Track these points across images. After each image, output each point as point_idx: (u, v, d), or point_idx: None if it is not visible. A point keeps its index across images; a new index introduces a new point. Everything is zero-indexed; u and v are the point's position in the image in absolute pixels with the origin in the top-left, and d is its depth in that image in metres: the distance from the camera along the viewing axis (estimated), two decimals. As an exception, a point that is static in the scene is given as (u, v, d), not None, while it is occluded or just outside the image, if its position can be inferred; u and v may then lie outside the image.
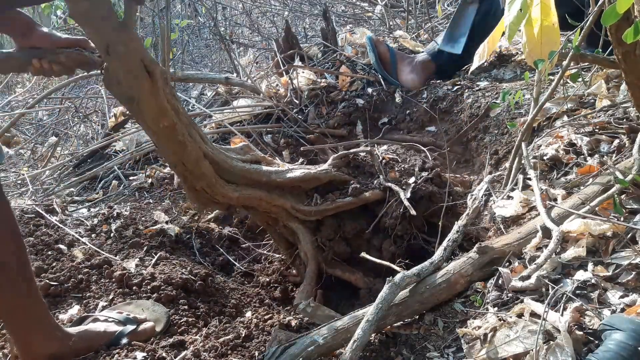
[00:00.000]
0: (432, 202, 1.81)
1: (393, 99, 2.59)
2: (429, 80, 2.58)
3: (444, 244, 1.41)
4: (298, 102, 2.70)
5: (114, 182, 2.66)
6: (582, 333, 1.05)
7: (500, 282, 1.26)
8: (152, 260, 1.91)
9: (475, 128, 2.21)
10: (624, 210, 1.28)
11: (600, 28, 1.45)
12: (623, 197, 1.33)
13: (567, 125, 1.72)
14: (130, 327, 1.50)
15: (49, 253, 1.91)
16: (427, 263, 1.33)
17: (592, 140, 1.61)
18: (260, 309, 1.78)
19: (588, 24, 1.29)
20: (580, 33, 1.30)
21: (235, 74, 3.16)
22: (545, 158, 1.62)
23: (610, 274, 1.17)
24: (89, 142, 3.40)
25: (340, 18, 4.37)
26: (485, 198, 1.67)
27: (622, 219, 1.27)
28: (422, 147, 2.13)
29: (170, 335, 1.53)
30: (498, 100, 2.18)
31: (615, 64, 1.33)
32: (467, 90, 2.37)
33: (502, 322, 1.13)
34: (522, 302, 1.18)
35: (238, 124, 2.71)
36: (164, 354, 1.42)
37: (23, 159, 3.52)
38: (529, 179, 1.52)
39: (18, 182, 2.81)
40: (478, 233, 1.60)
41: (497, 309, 1.20)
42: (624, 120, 1.62)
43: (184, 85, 3.88)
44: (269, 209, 1.79)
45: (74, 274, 1.78)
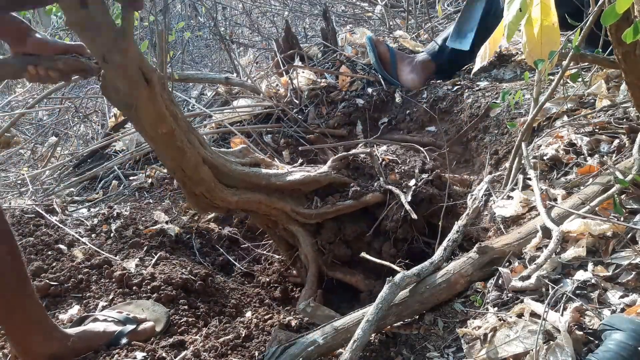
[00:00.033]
0: (432, 204, 1.81)
1: (393, 99, 2.59)
2: (429, 80, 2.58)
3: (444, 244, 1.41)
4: (298, 102, 2.70)
5: (114, 182, 2.66)
6: (582, 333, 1.05)
7: (500, 282, 1.26)
8: (152, 260, 1.91)
9: (475, 128, 2.21)
10: (624, 210, 1.28)
11: (600, 28, 1.45)
12: (623, 197, 1.33)
13: (567, 125, 1.72)
14: (130, 326, 1.50)
15: (49, 253, 1.91)
16: (427, 263, 1.33)
17: (592, 140, 1.61)
18: (260, 309, 1.78)
19: (588, 24, 1.29)
20: (580, 33, 1.30)
21: (235, 74, 3.16)
22: (545, 158, 1.62)
23: (610, 274, 1.17)
24: (89, 142, 3.40)
25: (340, 18, 4.37)
26: (485, 198, 1.67)
27: (622, 219, 1.27)
28: (421, 147, 2.13)
29: (170, 335, 1.53)
30: (498, 100, 2.18)
31: (615, 64, 1.33)
32: (467, 90, 2.37)
33: (502, 322, 1.13)
34: (522, 302, 1.18)
35: (238, 124, 2.71)
36: (164, 354, 1.42)
37: (23, 159, 3.51)
38: (529, 179, 1.52)
39: (18, 182, 2.81)
40: (478, 233, 1.60)
41: (497, 309, 1.20)
42: (624, 120, 1.62)
43: (184, 85, 3.87)
44: (269, 212, 1.78)
45: (74, 274, 1.78)
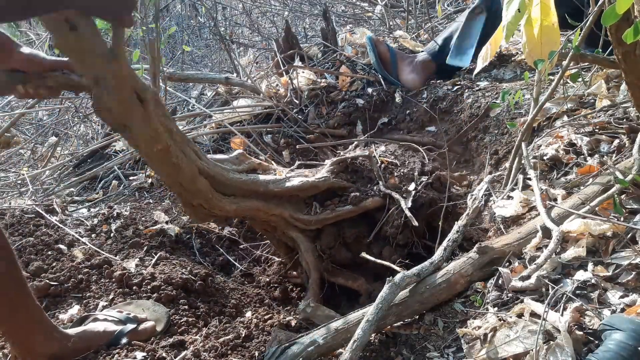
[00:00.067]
0: (432, 207, 1.81)
1: (393, 99, 2.59)
2: (429, 80, 2.58)
3: (444, 244, 1.41)
4: (298, 102, 2.70)
5: (114, 182, 2.66)
6: (582, 333, 1.05)
7: (500, 282, 1.26)
8: (152, 260, 1.91)
9: (475, 128, 2.21)
10: (624, 210, 1.29)
11: (600, 28, 1.45)
12: (623, 197, 1.33)
13: (567, 125, 1.72)
14: (131, 326, 1.50)
15: (49, 253, 1.91)
16: (427, 263, 1.34)
17: (592, 140, 1.61)
18: (260, 309, 1.78)
19: (588, 24, 1.29)
20: (580, 33, 1.30)
21: (235, 74, 3.16)
22: (545, 158, 1.62)
23: (610, 274, 1.17)
24: (89, 142, 3.40)
25: (340, 18, 4.36)
26: (485, 198, 1.67)
27: (622, 219, 1.27)
28: (420, 147, 2.12)
29: (170, 335, 1.53)
30: (498, 100, 2.18)
31: (615, 64, 1.33)
32: (467, 90, 2.37)
33: (502, 322, 1.13)
34: (522, 302, 1.18)
35: (238, 124, 2.71)
36: (164, 354, 1.42)
37: (23, 159, 3.51)
38: (529, 179, 1.52)
39: (18, 182, 2.81)
40: (478, 233, 1.60)
41: (497, 309, 1.20)
42: (624, 120, 1.62)
43: (184, 85, 3.87)
44: (268, 218, 1.77)
45: (74, 274, 1.78)
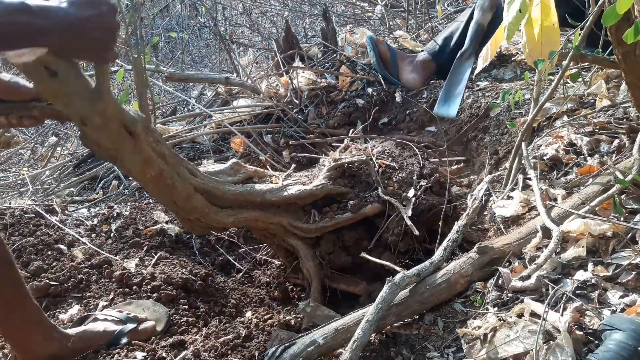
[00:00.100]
0: (432, 211, 1.80)
1: (393, 99, 2.59)
2: (430, 80, 2.58)
3: (444, 244, 1.41)
4: (298, 102, 2.70)
5: (114, 182, 2.66)
6: (582, 333, 1.05)
7: (500, 282, 1.26)
8: (152, 260, 1.91)
9: (475, 128, 2.21)
10: (624, 210, 1.28)
11: (600, 28, 1.45)
12: (623, 197, 1.33)
13: (567, 125, 1.72)
14: (131, 325, 1.50)
15: (49, 253, 1.91)
16: (427, 263, 1.33)
17: (592, 140, 1.61)
18: (260, 309, 1.78)
19: (588, 24, 1.29)
20: (580, 33, 1.30)
21: (235, 74, 3.16)
22: (545, 158, 1.62)
23: (610, 274, 1.17)
24: (89, 142, 3.39)
25: (340, 18, 4.36)
26: (485, 198, 1.67)
27: (622, 219, 1.27)
28: (417, 147, 2.10)
29: (170, 335, 1.53)
30: (498, 100, 2.18)
31: (615, 64, 1.33)
32: (467, 90, 2.37)
33: (502, 322, 1.13)
34: (522, 302, 1.18)
35: (238, 124, 2.71)
36: (164, 354, 1.42)
37: (23, 159, 3.51)
38: (529, 179, 1.52)
39: (18, 182, 2.81)
40: (478, 233, 1.60)
41: (497, 309, 1.20)
42: (624, 120, 1.62)
43: (184, 85, 3.87)
44: (266, 227, 1.77)
45: (74, 274, 1.78)
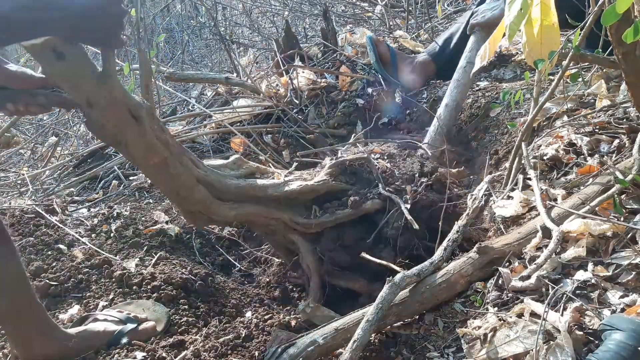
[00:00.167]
0: (433, 209, 1.79)
1: (393, 99, 2.59)
2: (429, 80, 2.58)
3: (444, 244, 1.41)
4: (298, 102, 2.70)
5: (114, 182, 2.66)
6: (582, 333, 1.05)
7: (500, 282, 1.26)
8: (152, 260, 1.91)
9: (475, 128, 2.21)
10: (624, 210, 1.28)
11: (600, 28, 1.45)
12: (623, 197, 1.33)
13: (567, 125, 1.72)
14: (131, 325, 1.50)
15: (49, 253, 1.91)
16: (427, 263, 1.33)
17: (592, 140, 1.60)
18: (260, 309, 1.78)
19: (588, 24, 1.29)
20: (580, 33, 1.30)
21: (235, 74, 3.16)
22: (545, 158, 1.62)
23: (610, 274, 1.17)
24: (89, 142, 3.40)
25: (340, 18, 4.36)
26: (485, 198, 1.67)
27: (622, 219, 1.27)
28: (419, 145, 2.10)
29: (170, 335, 1.53)
30: (498, 100, 2.18)
31: (615, 64, 1.33)
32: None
33: (502, 322, 1.13)
34: (522, 302, 1.18)
35: (238, 124, 2.71)
36: (164, 354, 1.42)
37: (23, 159, 3.51)
38: (529, 179, 1.52)
39: (18, 182, 2.81)
40: (478, 233, 1.60)
41: (497, 309, 1.20)
42: (624, 120, 1.62)
43: (184, 85, 3.87)
44: (267, 222, 1.77)
45: (74, 274, 1.78)
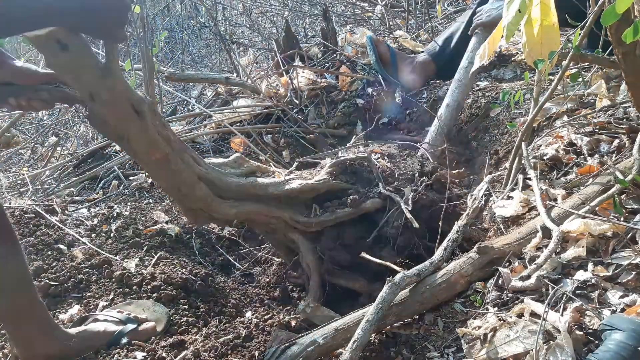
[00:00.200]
0: (433, 209, 1.79)
1: (393, 99, 2.59)
2: (429, 80, 2.58)
3: (444, 244, 1.41)
4: (298, 102, 2.70)
5: (114, 182, 2.66)
6: (582, 333, 1.05)
7: (500, 282, 1.26)
8: (152, 260, 1.90)
9: (475, 128, 2.21)
10: (624, 210, 1.28)
11: (600, 28, 1.45)
12: (623, 197, 1.33)
13: (567, 125, 1.72)
14: (131, 326, 1.50)
15: (49, 253, 1.91)
16: (427, 263, 1.33)
17: (592, 140, 1.60)
18: (260, 309, 1.78)
19: (588, 24, 1.29)
20: (580, 33, 1.30)
21: (235, 74, 3.16)
22: (545, 158, 1.62)
23: (610, 274, 1.17)
24: (89, 142, 3.40)
25: (340, 18, 4.36)
26: (485, 198, 1.67)
27: (622, 219, 1.27)
28: (419, 145, 2.10)
29: (170, 335, 1.53)
30: (498, 101, 2.18)
31: (615, 64, 1.33)
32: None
33: (502, 322, 1.13)
34: (522, 302, 1.18)
35: (238, 124, 2.71)
36: (164, 354, 1.42)
37: (23, 159, 3.52)
38: (529, 179, 1.52)
39: (18, 182, 2.81)
40: (478, 233, 1.60)
41: (497, 309, 1.20)
42: (624, 120, 1.62)
43: (184, 85, 3.87)
44: (268, 221, 1.77)
45: (74, 274, 1.78)
